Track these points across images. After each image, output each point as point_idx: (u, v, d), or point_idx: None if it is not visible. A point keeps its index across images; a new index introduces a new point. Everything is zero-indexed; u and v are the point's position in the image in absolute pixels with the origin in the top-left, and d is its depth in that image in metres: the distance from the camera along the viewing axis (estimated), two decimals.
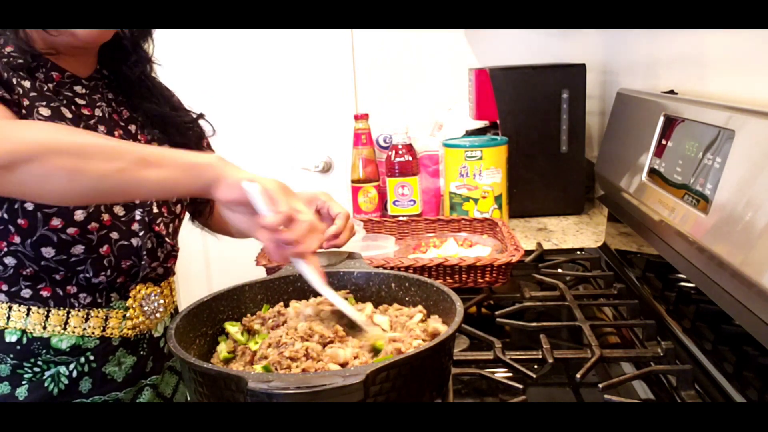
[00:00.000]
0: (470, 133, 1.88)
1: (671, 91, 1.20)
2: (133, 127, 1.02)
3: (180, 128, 1.08)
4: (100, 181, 0.72)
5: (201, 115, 1.13)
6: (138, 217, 0.97)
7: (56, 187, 0.72)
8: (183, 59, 2.19)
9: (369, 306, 0.89)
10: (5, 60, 0.88)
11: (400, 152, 1.70)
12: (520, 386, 0.87)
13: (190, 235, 1.20)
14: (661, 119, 1.11)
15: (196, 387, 0.69)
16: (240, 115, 2.27)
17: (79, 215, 0.89)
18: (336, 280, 0.94)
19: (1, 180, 0.71)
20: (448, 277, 1.19)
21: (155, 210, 1.00)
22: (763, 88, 0.94)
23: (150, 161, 0.74)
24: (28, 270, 0.90)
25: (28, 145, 0.70)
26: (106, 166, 0.72)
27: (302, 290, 0.93)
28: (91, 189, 0.74)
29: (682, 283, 1.03)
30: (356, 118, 1.77)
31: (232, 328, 0.85)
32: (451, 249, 1.36)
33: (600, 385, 0.85)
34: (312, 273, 0.81)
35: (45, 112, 0.89)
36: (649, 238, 1.13)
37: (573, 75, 1.70)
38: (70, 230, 0.89)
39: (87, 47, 0.95)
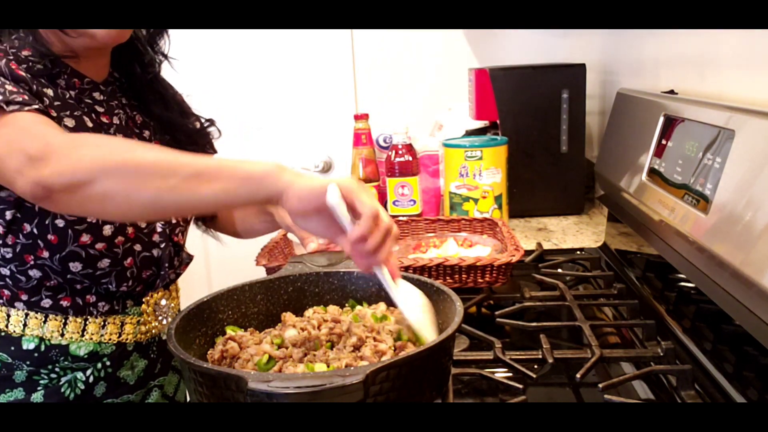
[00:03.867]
0: (470, 133, 1.88)
1: (671, 91, 1.20)
2: (147, 133, 1.01)
3: (190, 135, 1.07)
4: (156, 200, 0.71)
5: (212, 122, 1.11)
6: (159, 229, 0.97)
7: (115, 208, 0.72)
8: (183, 59, 2.18)
9: (382, 305, 0.89)
10: (25, 66, 0.85)
11: (400, 152, 1.70)
12: (520, 386, 0.87)
13: (190, 234, 1.20)
14: (661, 119, 1.11)
15: (196, 387, 0.69)
16: (240, 114, 2.27)
17: (107, 230, 0.89)
18: (336, 280, 0.94)
19: (64, 201, 0.72)
20: (448, 277, 1.19)
21: (173, 220, 1.00)
22: (763, 88, 0.94)
23: (204, 175, 0.70)
24: (52, 282, 0.90)
25: (84, 167, 0.70)
26: (161, 183, 0.70)
27: (302, 290, 0.93)
28: (149, 207, 0.72)
29: (682, 283, 1.03)
30: (356, 118, 1.77)
31: (233, 333, 0.85)
32: (451, 249, 1.36)
33: (600, 385, 0.85)
34: (388, 280, 0.76)
35: (69, 122, 0.87)
36: (649, 238, 1.13)
37: (573, 75, 1.69)
38: (99, 245, 0.89)
39: (103, 48, 0.93)
